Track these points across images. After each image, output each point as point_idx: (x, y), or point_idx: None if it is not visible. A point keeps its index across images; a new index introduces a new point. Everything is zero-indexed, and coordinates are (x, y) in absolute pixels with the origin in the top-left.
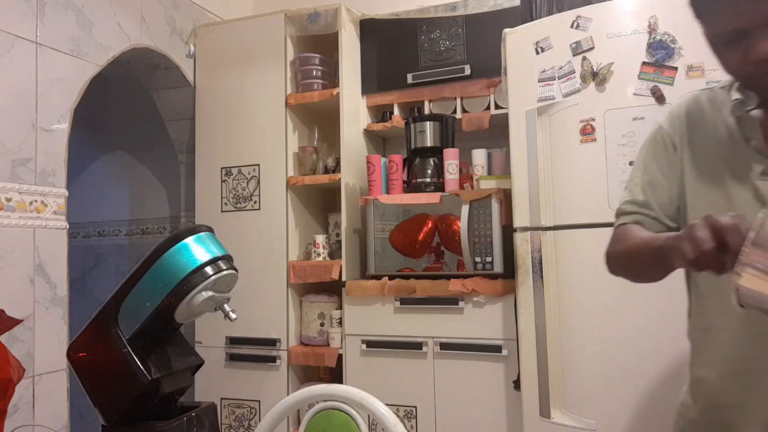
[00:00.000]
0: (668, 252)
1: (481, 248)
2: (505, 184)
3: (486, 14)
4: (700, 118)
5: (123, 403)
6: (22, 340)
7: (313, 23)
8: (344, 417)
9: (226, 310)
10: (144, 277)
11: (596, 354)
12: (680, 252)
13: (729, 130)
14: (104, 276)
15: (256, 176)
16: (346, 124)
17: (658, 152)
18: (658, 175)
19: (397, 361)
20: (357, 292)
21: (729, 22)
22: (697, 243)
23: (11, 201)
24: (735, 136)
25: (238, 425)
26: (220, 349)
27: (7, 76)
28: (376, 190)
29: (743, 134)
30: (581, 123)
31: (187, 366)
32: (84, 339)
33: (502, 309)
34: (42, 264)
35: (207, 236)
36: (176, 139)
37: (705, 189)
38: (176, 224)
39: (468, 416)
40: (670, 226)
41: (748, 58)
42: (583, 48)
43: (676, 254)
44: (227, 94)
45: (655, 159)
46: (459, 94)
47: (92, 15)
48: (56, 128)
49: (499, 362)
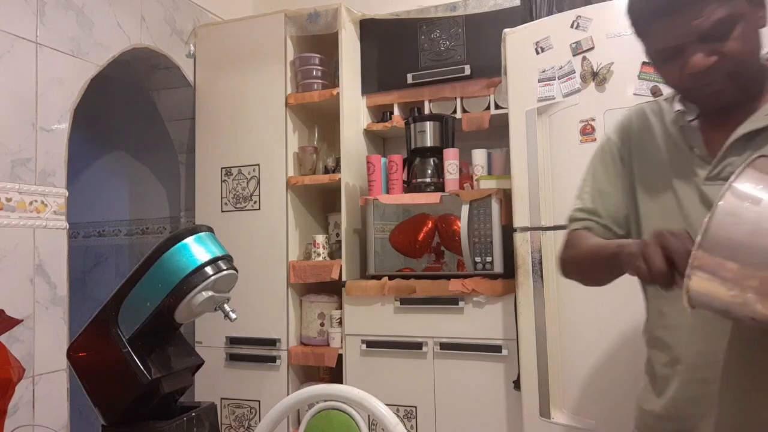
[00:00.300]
0: (622, 262)
1: (481, 248)
2: (505, 184)
3: (486, 14)
4: (647, 129)
5: (123, 403)
6: (22, 340)
7: (313, 23)
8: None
9: (226, 310)
10: (144, 277)
11: (596, 354)
12: (635, 267)
13: (674, 139)
14: (104, 276)
15: (256, 176)
16: (346, 124)
17: (606, 162)
18: (606, 185)
19: (397, 361)
20: (357, 292)
21: (665, 40)
22: (650, 264)
23: (11, 201)
24: (679, 144)
25: (238, 425)
26: (220, 349)
27: (7, 76)
28: (376, 190)
29: (687, 143)
30: (581, 123)
31: (187, 366)
32: (84, 339)
33: (502, 309)
34: (42, 264)
35: (207, 236)
36: (176, 139)
37: (655, 196)
38: (176, 224)
39: (468, 416)
40: (618, 233)
41: (685, 72)
42: (583, 48)
43: (630, 267)
44: (227, 94)
45: (603, 169)
46: (459, 94)
47: (92, 15)
48: (56, 128)
49: (499, 362)
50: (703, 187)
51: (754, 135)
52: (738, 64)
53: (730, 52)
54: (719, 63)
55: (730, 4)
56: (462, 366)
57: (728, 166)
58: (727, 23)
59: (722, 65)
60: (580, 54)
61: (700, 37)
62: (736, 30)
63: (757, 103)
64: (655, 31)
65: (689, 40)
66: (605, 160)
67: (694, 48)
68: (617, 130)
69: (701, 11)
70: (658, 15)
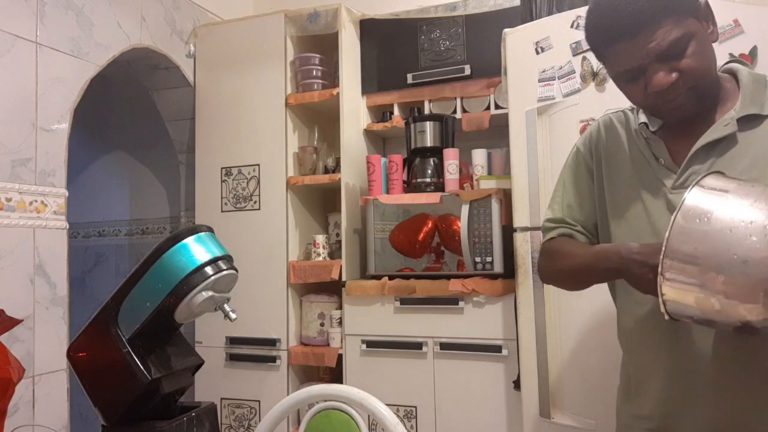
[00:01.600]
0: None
1: (481, 248)
2: (505, 184)
3: (486, 14)
4: (615, 139)
5: (123, 403)
6: (22, 340)
7: (313, 23)
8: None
9: (226, 310)
10: (144, 277)
11: (596, 354)
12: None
13: (640, 149)
14: (104, 276)
15: (256, 176)
16: (346, 124)
17: (575, 174)
18: (576, 196)
19: (397, 361)
20: (357, 292)
21: (625, 63)
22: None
23: (11, 201)
24: (646, 154)
25: (238, 425)
26: (220, 349)
27: (7, 76)
28: (376, 190)
29: (653, 153)
30: (581, 123)
31: (187, 366)
32: (84, 339)
33: (502, 309)
34: (42, 264)
35: (207, 236)
36: (176, 139)
37: (625, 204)
38: (176, 224)
39: (468, 416)
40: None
41: (649, 91)
42: (583, 48)
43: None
44: (227, 94)
45: (573, 180)
46: (459, 94)
47: (92, 15)
48: (56, 128)
49: (499, 362)
50: (670, 196)
51: (715, 144)
52: (696, 78)
53: (688, 68)
54: (680, 79)
55: (682, 25)
56: (462, 366)
57: (692, 175)
58: (682, 42)
59: (683, 81)
60: (580, 54)
61: (657, 57)
62: (690, 47)
63: (715, 114)
64: (615, 55)
65: (648, 61)
66: (574, 171)
67: (655, 68)
68: (585, 142)
69: (654, 34)
70: (615, 40)
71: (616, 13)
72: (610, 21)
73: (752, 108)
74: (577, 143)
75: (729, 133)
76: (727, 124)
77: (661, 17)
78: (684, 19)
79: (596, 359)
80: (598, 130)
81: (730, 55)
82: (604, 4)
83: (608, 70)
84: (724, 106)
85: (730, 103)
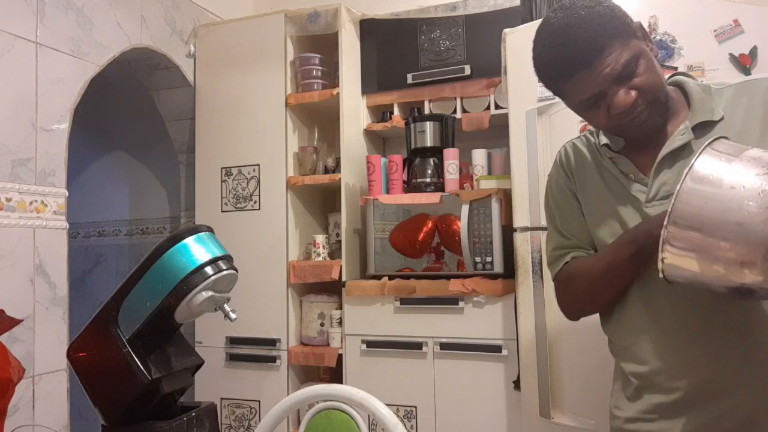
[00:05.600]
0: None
1: (481, 248)
2: (505, 184)
3: (486, 14)
4: (583, 161)
5: (123, 403)
6: (22, 340)
7: (313, 23)
8: (344, 417)
9: (226, 310)
10: (144, 277)
11: (596, 354)
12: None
13: (609, 169)
14: (104, 276)
15: (256, 176)
16: (346, 124)
17: (561, 198)
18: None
19: (397, 361)
20: (357, 292)
21: (587, 91)
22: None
23: (11, 201)
24: (614, 172)
25: (238, 425)
26: (220, 349)
27: (7, 76)
28: (376, 190)
29: (620, 171)
30: (581, 123)
31: (187, 366)
32: (84, 339)
33: (502, 309)
34: (42, 264)
35: (207, 236)
36: (176, 139)
37: (604, 223)
38: (176, 224)
39: (468, 416)
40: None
41: (612, 113)
42: None
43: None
44: (227, 94)
45: (557, 207)
46: (459, 94)
47: (92, 15)
48: (56, 128)
49: (499, 362)
50: (646, 210)
51: (677, 152)
52: (653, 92)
53: (643, 84)
54: (639, 97)
55: (629, 46)
56: (462, 366)
57: (664, 185)
58: (633, 62)
59: (642, 98)
60: None
61: (615, 80)
62: (640, 66)
63: (669, 125)
64: (573, 86)
65: (607, 85)
66: (559, 197)
67: (614, 90)
68: (558, 168)
69: (607, 59)
70: (573, 73)
71: (567, 47)
72: (562, 55)
73: (704, 115)
74: (551, 172)
75: (687, 141)
76: (683, 133)
77: (609, 42)
78: (628, 41)
79: (596, 359)
80: (566, 154)
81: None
82: (551, 41)
83: (567, 102)
84: (678, 117)
85: (683, 113)
